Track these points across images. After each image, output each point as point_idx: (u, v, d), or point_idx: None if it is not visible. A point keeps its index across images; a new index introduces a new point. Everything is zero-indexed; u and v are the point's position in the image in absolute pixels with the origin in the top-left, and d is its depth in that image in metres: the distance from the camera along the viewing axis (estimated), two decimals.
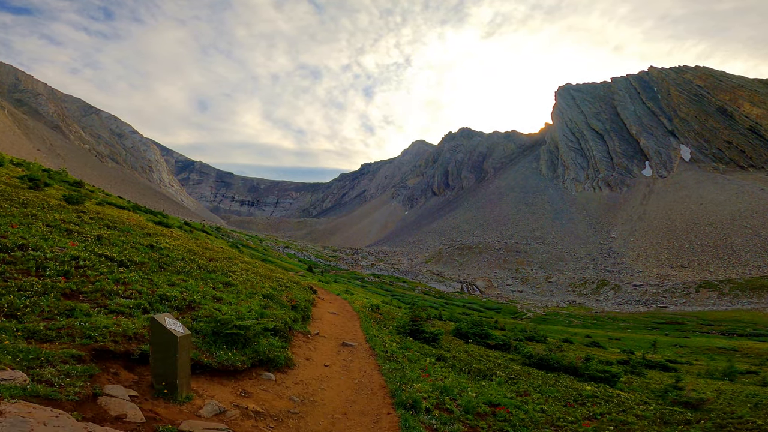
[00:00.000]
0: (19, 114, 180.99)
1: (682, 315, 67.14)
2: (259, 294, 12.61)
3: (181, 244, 16.14)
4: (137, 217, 22.39)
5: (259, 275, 17.56)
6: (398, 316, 21.33)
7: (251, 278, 15.31)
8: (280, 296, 13.84)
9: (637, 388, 13.49)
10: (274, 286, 15.97)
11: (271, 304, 11.99)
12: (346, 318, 17.55)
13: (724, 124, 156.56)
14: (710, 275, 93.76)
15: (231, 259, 18.68)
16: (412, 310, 17.26)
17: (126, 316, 7.21)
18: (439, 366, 11.85)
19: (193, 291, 9.86)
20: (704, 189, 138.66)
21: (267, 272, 20.62)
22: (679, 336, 45.32)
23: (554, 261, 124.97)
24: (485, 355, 15.53)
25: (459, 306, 71.33)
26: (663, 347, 33.75)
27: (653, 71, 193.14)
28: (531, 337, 22.98)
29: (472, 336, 18.89)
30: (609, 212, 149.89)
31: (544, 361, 14.87)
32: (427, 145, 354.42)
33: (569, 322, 60.80)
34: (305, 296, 17.59)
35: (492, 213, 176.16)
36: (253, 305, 10.75)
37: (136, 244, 12.48)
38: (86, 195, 20.92)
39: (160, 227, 21.29)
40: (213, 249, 20.62)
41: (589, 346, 21.62)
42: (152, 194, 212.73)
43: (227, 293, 11.35)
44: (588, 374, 13.60)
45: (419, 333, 15.44)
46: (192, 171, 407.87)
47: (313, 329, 13.44)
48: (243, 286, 12.89)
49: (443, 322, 24.56)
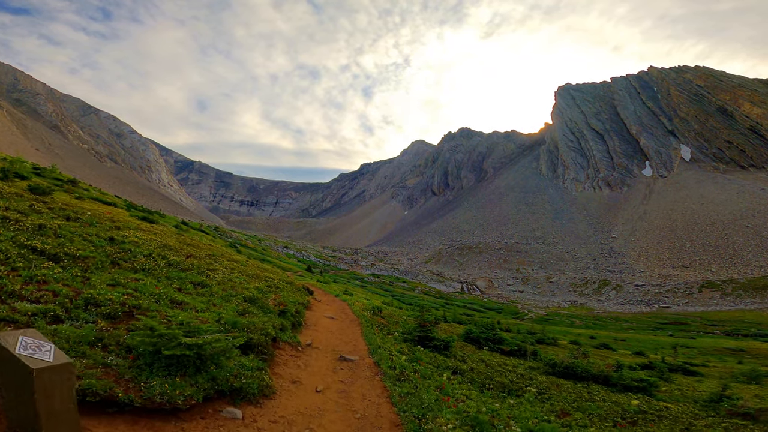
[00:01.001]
0: (17, 114, 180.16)
1: (686, 315, 66.68)
2: (238, 297, 10.89)
3: (156, 239, 14.47)
4: (120, 212, 21.13)
5: (246, 275, 15.97)
6: (402, 319, 20.15)
7: (234, 278, 13.78)
8: (266, 299, 12.15)
9: (679, 398, 12.41)
10: (261, 287, 14.36)
11: (252, 310, 10.23)
12: (346, 323, 15.86)
13: (724, 124, 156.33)
14: (712, 275, 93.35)
15: (215, 257, 17.09)
16: (420, 315, 15.77)
17: (16, 327, 5.34)
18: (457, 381, 10.33)
19: (144, 293, 8.06)
20: (705, 189, 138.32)
21: (257, 271, 19.03)
22: (684, 337, 44.82)
23: (555, 261, 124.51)
24: (503, 363, 14.22)
25: (460, 306, 70.77)
26: (669, 348, 33.22)
27: (653, 71, 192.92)
28: (540, 339, 22.17)
29: (485, 341, 17.53)
30: (609, 212, 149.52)
31: (571, 370, 13.44)
32: (426, 145, 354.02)
33: (572, 323, 60.28)
34: (298, 298, 16.01)
35: (492, 213, 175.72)
36: (226, 312, 9.01)
37: (92, 236, 10.79)
38: (62, 188, 20.17)
39: (143, 222, 20.03)
40: (197, 246, 18.97)
41: (598, 348, 20.94)
42: (151, 194, 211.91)
43: (195, 296, 9.72)
44: (622, 384, 12.42)
45: (429, 340, 14.03)
46: (191, 171, 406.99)
47: (306, 338, 11.62)
48: (220, 288, 11.28)
49: (448, 325, 23.58)
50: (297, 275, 44.07)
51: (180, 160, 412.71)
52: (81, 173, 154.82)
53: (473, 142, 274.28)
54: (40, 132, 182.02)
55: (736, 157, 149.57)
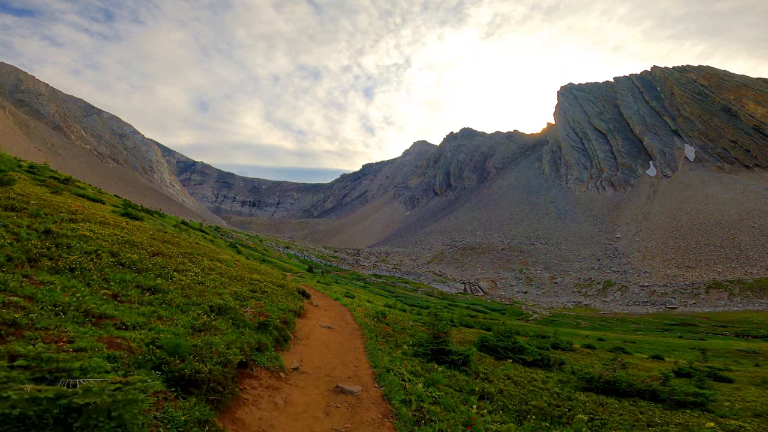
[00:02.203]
0: (20, 114, 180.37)
1: (693, 316, 65.83)
2: (203, 306, 8.72)
3: (119, 235, 12.47)
4: (100, 207, 19.66)
5: (228, 277, 14.03)
6: (408, 325, 18.70)
7: (208, 281, 11.69)
8: (243, 309, 10.04)
9: (740, 413, 10.97)
10: (242, 291, 12.30)
11: (216, 324, 7.96)
12: (345, 334, 13.51)
13: (728, 124, 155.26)
14: (718, 276, 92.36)
15: (193, 256, 14.99)
16: (432, 323, 13.88)
17: None
18: (487, 410, 8.59)
19: (42, 302, 5.91)
20: (710, 188, 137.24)
21: (244, 273, 16.83)
22: (694, 338, 44.06)
23: (558, 261, 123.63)
24: (531, 379, 12.52)
25: (463, 307, 70.15)
26: (681, 350, 32.51)
27: (656, 71, 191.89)
28: (555, 344, 20.78)
29: (503, 350, 15.72)
30: (613, 212, 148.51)
31: (612, 385, 11.66)
32: (428, 146, 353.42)
33: (577, 324, 59.57)
34: (288, 305, 13.84)
35: (494, 213, 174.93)
36: (173, 328, 6.81)
37: (22, 227, 9.13)
38: (44, 183, 19.35)
39: (123, 219, 18.38)
40: (176, 244, 16.79)
41: (613, 351, 20.17)
42: (153, 194, 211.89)
43: (135, 306, 7.38)
44: (675, 399, 10.77)
45: (444, 354, 12.20)
46: (193, 171, 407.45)
47: (293, 358, 9.26)
48: (180, 294, 9.15)
49: (457, 329, 22.60)
50: (297, 276, 43.49)
51: (182, 160, 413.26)
52: (83, 174, 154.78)
53: (475, 142, 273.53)
54: (42, 132, 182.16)
55: (741, 157, 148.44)
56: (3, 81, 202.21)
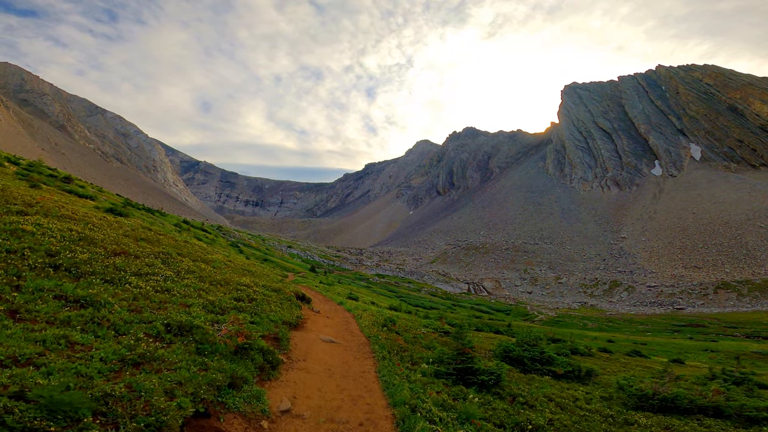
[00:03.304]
0: (24, 114, 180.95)
1: (702, 317, 64.95)
2: (156, 323, 6.69)
3: (77, 230, 10.79)
4: (82, 203, 18.73)
5: (210, 281, 11.90)
6: (420, 332, 17.22)
7: (179, 287, 9.73)
8: (217, 326, 7.82)
9: None
10: (222, 301, 10.13)
11: (165, 354, 5.69)
12: (352, 352, 11.54)
13: (735, 123, 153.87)
14: (726, 276, 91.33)
15: (169, 256, 12.97)
16: (457, 336, 11.95)
17: None
18: None
19: None
20: (716, 188, 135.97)
21: (232, 275, 14.75)
22: (704, 340, 43.29)
23: (563, 261, 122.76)
24: (572, 398, 10.79)
25: (467, 308, 69.56)
26: (694, 352, 31.81)
27: (661, 70, 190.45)
28: (574, 349, 19.17)
29: (530, 362, 13.96)
30: (618, 212, 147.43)
31: (671, 402, 10.28)
32: (431, 145, 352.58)
33: (584, 325, 58.84)
34: (283, 314, 11.82)
35: (498, 213, 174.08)
36: (73, 368, 4.38)
37: None
38: (27, 178, 18.93)
39: (108, 215, 17.48)
40: (156, 242, 14.90)
41: (631, 356, 19.30)
42: (156, 194, 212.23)
43: (35, 327, 5.14)
44: (746, 416, 9.69)
45: (472, 374, 10.37)
46: (197, 171, 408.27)
47: (283, 394, 7.02)
48: (127, 306, 7.09)
49: (471, 334, 21.73)
50: (300, 276, 42.96)
51: (185, 160, 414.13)
52: (87, 173, 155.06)
53: (478, 141, 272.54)
54: (46, 132, 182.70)
55: (748, 156, 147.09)
56: (7, 81, 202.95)
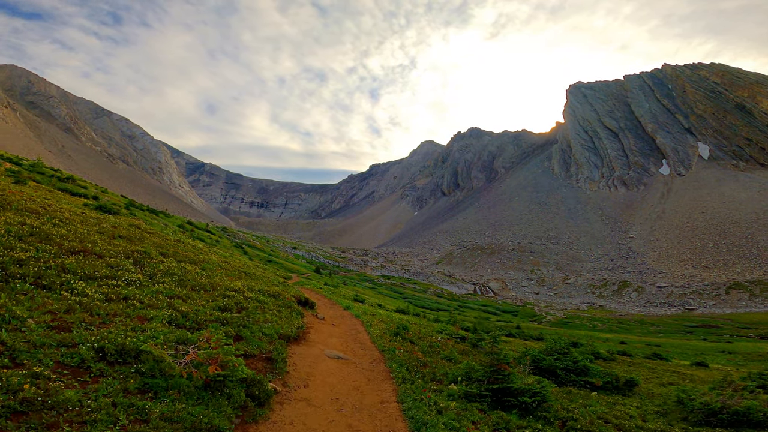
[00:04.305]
0: (31, 116, 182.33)
1: (714, 318, 63.82)
2: (82, 347, 5.04)
3: (27, 223, 9.70)
4: (67, 197, 18.43)
5: (191, 286, 10.21)
6: (436, 340, 15.79)
7: (146, 294, 8.01)
8: (179, 352, 5.86)
9: None
10: (199, 312, 8.32)
11: (64, 402, 3.93)
12: (364, 371, 9.76)
13: (743, 121, 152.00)
14: (737, 276, 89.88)
15: (146, 256, 11.35)
16: (491, 350, 10.10)
17: None
18: None
19: None
20: (725, 187, 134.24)
21: (222, 279, 12.98)
22: (719, 341, 42.36)
23: (571, 261, 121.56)
24: (626, 416, 9.38)
25: (474, 309, 68.89)
26: (711, 354, 30.99)
27: (667, 68, 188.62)
28: (596, 353, 17.52)
29: (564, 372, 12.44)
30: (626, 211, 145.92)
31: (743, 417, 9.25)
32: (435, 146, 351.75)
33: (594, 326, 57.97)
34: (281, 326, 10.20)
35: (504, 213, 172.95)
36: None
37: None
38: (15, 176, 18.79)
39: (94, 212, 17.07)
40: (136, 239, 13.25)
41: (651, 359, 18.44)
42: (162, 195, 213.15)
43: None
44: None
45: (511, 395, 8.76)
46: (202, 173, 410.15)
47: None
48: (45, 321, 5.51)
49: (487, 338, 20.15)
50: (304, 277, 42.56)
51: (191, 162, 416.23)
52: (94, 175, 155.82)
53: (483, 141, 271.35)
54: (53, 134, 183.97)
55: (756, 155, 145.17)
56: (14, 83, 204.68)
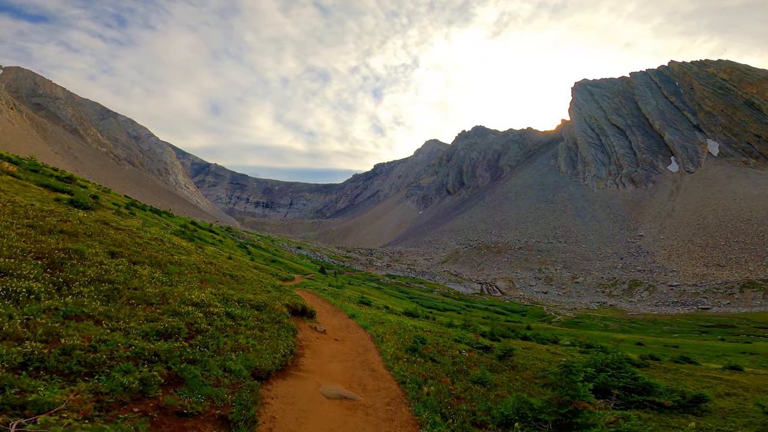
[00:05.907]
0: (37, 118, 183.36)
1: (730, 317, 62.38)
2: None
3: None
4: (25, 191, 18.30)
5: (128, 297, 7.62)
6: (456, 353, 13.23)
7: (20, 314, 5.38)
8: None
9: None
10: (101, 344, 5.35)
11: None
12: (376, 420, 7.03)
13: (752, 118, 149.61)
14: (751, 274, 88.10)
15: (79, 254, 8.90)
16: (560, 384, 6.87)
17: None
18: None
19: None
20: (736, 184, 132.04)
21: (183, 287, 10.03)
22: (737, 341, 41.13)
23: (579, 260, 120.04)
24: None
25: (481, 309, 67.89)
26: (732, 355, 29.89)
27: (674, 65, 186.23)
28: (627, 358, 13.10)
29: (623, 392, 10.11)
30: (635, 209, 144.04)
31: None
32: (440, 144, 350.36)
33: (605, 326, 56.79)
34: (255, 356, 7.28)
35: (510, 211, 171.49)
36: None
37: None
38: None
39: (67, 207, 16.89)
40: (85, 235, 11.40)
41: (679, 362, 17.32)
42: (168, 196, 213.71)
43: None
44: None
45: None
46: (207, 173, 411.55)
47: None
48: None
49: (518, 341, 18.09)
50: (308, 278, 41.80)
51: (196, 162, 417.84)
52: (100, 176, 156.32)
53: (488, 140, 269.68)
54: (59, 135, 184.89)
55: (766, 151, 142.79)
56: (21, 85, 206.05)
